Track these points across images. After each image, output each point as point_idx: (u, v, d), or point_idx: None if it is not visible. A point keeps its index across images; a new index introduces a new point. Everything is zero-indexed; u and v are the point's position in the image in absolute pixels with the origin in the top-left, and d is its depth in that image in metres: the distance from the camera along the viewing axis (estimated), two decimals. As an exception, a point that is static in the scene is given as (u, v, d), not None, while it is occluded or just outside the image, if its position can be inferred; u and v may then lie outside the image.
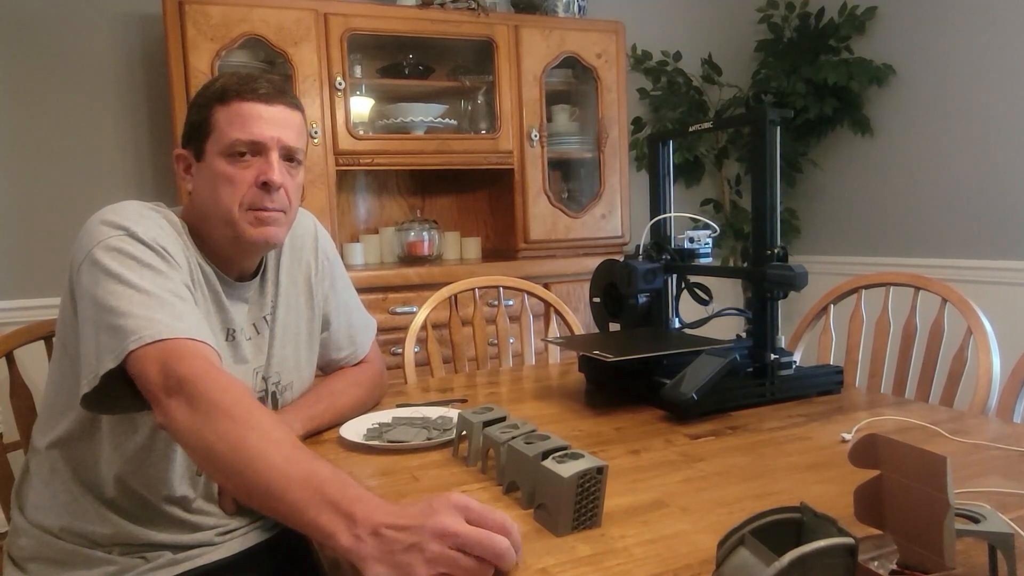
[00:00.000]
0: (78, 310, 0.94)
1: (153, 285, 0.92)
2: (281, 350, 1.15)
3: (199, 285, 1.04)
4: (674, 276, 1.46)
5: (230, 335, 1.08)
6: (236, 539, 1.09)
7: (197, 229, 1.07)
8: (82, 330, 0.92)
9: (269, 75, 1.14)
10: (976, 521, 0.62)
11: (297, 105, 1.08)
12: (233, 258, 1.09)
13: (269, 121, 1.03)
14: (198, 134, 1.04)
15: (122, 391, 0.91)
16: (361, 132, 2.48)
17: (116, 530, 1.02)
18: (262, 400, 1.13)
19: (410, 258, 2.67)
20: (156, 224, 1.00)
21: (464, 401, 1.33)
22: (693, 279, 1.45)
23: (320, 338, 1.25)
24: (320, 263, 1.23)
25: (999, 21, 2.58)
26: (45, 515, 1.03)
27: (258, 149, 1.03)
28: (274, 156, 1.03)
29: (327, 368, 1.31)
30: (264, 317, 1.15)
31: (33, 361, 1.41)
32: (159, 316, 0.89)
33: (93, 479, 1.02)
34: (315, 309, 1.22)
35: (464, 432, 1.00)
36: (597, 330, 1.55)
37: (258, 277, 1.14)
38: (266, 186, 1.03)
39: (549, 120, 2.80)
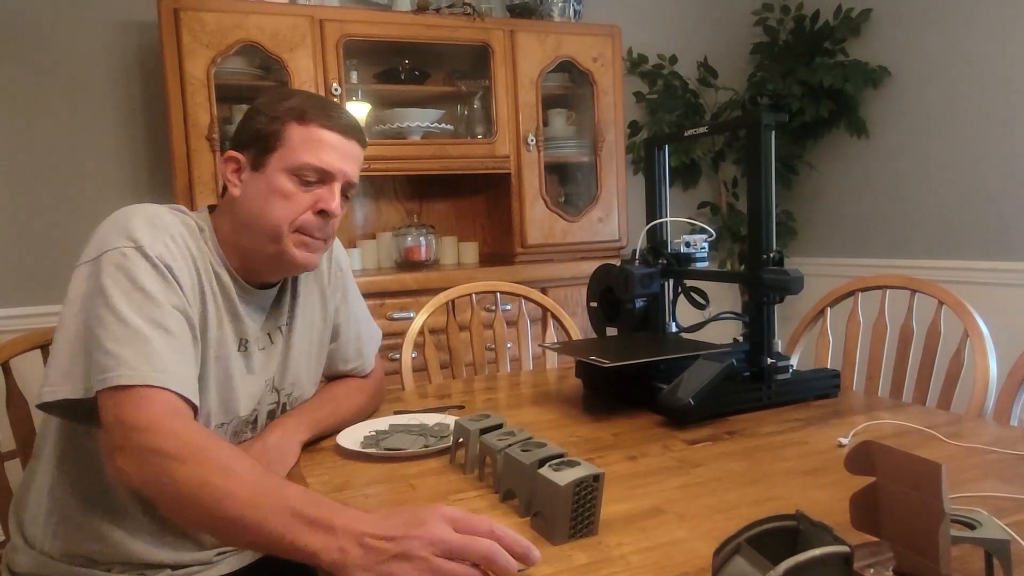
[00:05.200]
0: (65, 305, 0.93)
1: (139, 314, 0.89)
2: (296, 361, 1.15)
3: (213, 295, 1.01)
4: (671, 280, 1.46)
5: (243, 345, 1.07)
6: (233, 556, 1.09)
7: (228, 235, 1.05)
8: (60, 330, 0.91)
9: (341, 106, 1.15)
10: (972, 527, 0.63)
11: (365, 143, 1.09)
12: (263, 270, 1.08)
13: (342, 153, 1.04)
14: (263, 144, 1.02)
15: (85, 409, 0.90)
16: (357, 138, 2.48)
17: (115, 548, 1.01)
18: (273, 411, 1.13)
19: (407, 263, 2.67)
20: (168, 235, 0.97)
21: (461, 407, 1.33)
22: (689, 283, 1.45)
23: (328, 349, 1.25)
24: (333, 273, 1.23)
25: (993, 23, 2.59)
26: (42, 535, 1.02)
27: (324, 178, 1.03)
28: (337, 188, 1.04)
29: (331, 379, 1.30)
30: (280, 327, 1.14)
31: (31, 371, 1.41)
32: (126, 354, 0.86)
33: (97, 489, 1.01)
34: (327, 320, 1.22)
35: (461, 439, 1.00)
36: (594, 334, 1.55)
37: (277, 286, 1.13)
38: (323, 214, 1.03)
39: (545, 124, 2.81)
